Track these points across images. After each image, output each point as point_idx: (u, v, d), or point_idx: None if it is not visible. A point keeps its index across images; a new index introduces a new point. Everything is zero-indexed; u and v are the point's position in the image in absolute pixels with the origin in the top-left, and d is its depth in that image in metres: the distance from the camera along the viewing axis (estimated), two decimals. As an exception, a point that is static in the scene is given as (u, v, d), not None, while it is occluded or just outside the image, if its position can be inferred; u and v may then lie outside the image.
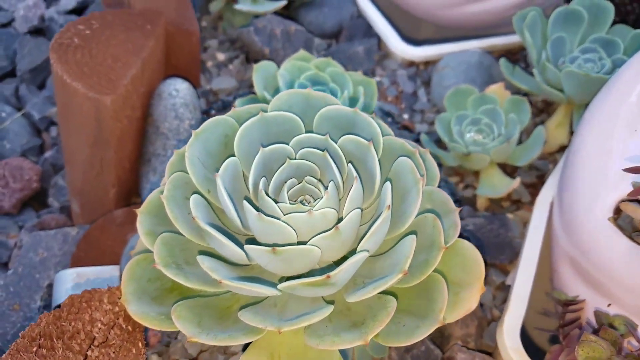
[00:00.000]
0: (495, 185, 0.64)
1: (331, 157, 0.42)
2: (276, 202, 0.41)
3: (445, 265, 0.43)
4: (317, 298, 0.40)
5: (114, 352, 0.38)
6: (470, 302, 0.41)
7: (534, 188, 0.70)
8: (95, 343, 0.38)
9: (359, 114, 0.45)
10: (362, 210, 0.40)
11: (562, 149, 0.73)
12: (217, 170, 0.41)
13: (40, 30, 0.98)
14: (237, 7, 0.75)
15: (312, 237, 0.38)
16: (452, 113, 0.69)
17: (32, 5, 1.02)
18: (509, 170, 0.71)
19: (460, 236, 0.44)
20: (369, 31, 0.85)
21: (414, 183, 0.41)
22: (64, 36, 0.60)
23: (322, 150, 0.43)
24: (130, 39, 0.62)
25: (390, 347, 0.51)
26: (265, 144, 0.43)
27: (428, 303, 0.39)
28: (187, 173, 0.43)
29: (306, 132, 0.45)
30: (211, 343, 0.36)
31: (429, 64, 0.83)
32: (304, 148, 0.43)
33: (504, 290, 0.60)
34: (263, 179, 0.42)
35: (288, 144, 0.44)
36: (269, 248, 0.36)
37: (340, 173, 0.42)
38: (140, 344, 0.39)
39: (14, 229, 0.73)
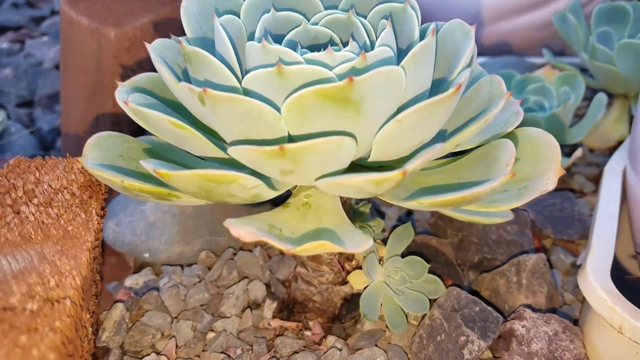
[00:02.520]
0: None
1: (360, 23, 0.35)
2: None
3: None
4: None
5: (56, 214, 0.27)
6: (546, 184, 0.30)
7: (596, 181, 0.59)
8: (35, 202, 0.27)
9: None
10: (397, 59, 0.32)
11: (620, 144, 0.63)
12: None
13: (65, 66, 0.98)
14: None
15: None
16: (494, 97, 0.61)
17: (63, 49, 1.03)
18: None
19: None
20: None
21: (464, 35, 0.33)
22: (78, -7, 0.58)
23: (346, 11, 0.35)
24: (146, 2, 0.59)
25: (431, 306, 0.38)
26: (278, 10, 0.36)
27: (490, 164, 0.29)
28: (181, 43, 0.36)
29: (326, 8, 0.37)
30: (186, 177, 0.26)
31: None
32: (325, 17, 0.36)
33: (574, 274, 0.47)
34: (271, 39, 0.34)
35: (308, 20, 0.36)
36: (273, 68, 0.27)
37: (368, 36, 0.34)
38: (93, 212, 0.28)
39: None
